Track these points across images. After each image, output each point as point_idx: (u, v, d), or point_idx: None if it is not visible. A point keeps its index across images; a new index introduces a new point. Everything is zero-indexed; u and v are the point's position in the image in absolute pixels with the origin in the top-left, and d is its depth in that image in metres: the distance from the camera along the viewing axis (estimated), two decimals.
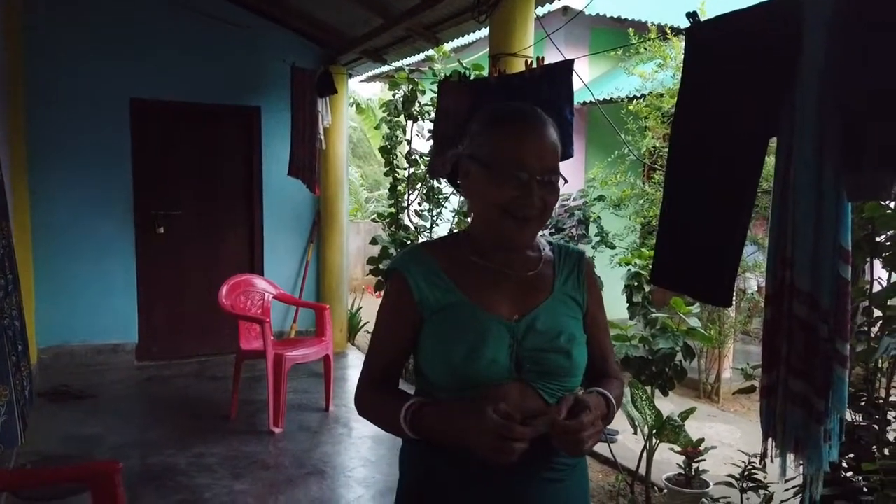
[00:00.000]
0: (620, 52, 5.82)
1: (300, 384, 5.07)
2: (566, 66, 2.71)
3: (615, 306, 4.89)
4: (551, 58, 3.00)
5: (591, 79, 7.15)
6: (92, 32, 5.29)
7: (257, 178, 5.99)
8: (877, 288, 2.86)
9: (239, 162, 5.98)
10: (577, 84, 3.31)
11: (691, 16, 1.88)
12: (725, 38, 1.84)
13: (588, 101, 6.47)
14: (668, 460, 3.77)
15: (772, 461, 1.74)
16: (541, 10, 4.05)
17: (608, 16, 6.84)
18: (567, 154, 2.69)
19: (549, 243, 1.36)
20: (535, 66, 2.86)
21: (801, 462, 1.63)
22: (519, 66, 3.04)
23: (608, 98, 6.13)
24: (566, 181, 1.22)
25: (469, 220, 1.34)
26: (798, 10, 1.61)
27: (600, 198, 6.63)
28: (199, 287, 5.60)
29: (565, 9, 6.42)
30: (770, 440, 1.72)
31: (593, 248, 6.79)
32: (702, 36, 1.91)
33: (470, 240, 1.29)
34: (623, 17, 6.86)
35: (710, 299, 1.95)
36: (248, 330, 4.47)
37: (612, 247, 6.49)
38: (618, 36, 6.32)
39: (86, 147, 5.33)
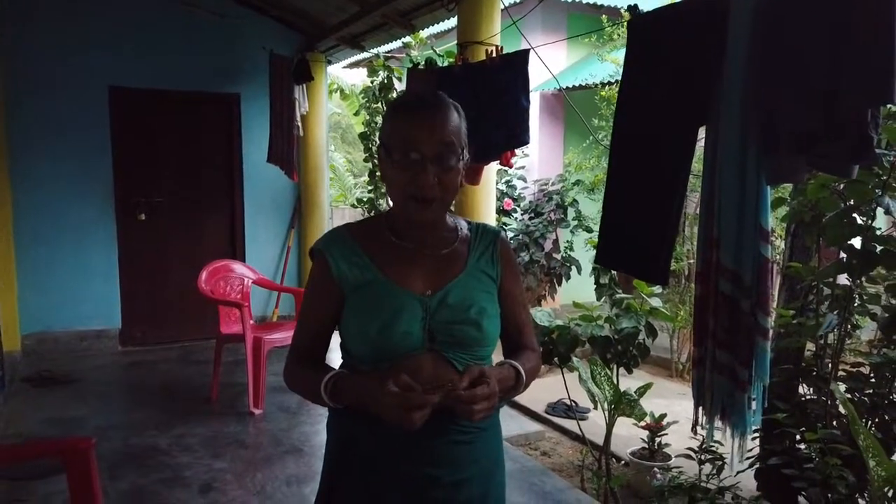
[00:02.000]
0: (595, 38, 5.90)
1: (280, 367, 5.11)
2: (522, 56, 2.79)
3: (588, 288, 5.02)
4: (525, 44, 3.08)
5: (567, 65, 7.23)
6: (70, 21, 5.32)
7: (237, 164, 6.05)
8: (822, 268, 2.99)
9: (219, 149, 6.03)
10: (554, 70, 3.39)
11: (633, 8, 1.98)
12: (662, 31, 1.94)
13: (565, 88, 6.55)
14: (636, 436, 3.91)
15: (702, 427, 1.86)
16: None
17: (585, 2, 6.90)
18: (522, 140, 2.80)
19: (468, 223, 1.44)
20: (494, 55, 2.94)
21: (728, 427, 1.75)
22: (483, 55, 3.12)
23: (583, 84, 6.21)
24: (467, 162, 1.29)
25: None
26: (725, 4, 1.71)
27: (577, 182, 6.73)
28: (182, 273, 5.67)
29: None
30: (700, 408, 1.84)
31: (571, 231, 6.91)
32: (642, 28, 2.01)
33: (388, 220, 1.37)
34: (600, 3, 6.92)
35: (649, 277, 2.06)
36: (227, 314, 4.56)
37: (589, 230, 6.60)
38: (595, 22, 6.39)
39: (66, 135, 5.37)
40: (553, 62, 7.03)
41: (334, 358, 1.39)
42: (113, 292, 5.65)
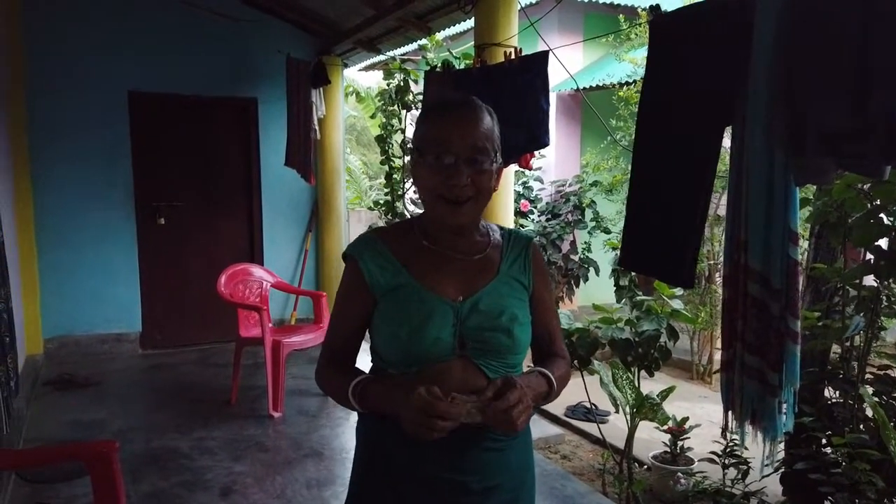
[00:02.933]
0: (612, 38, 5.86)
1: (299, 370, 5.19)
2: (541, 57, 2.77)
3: (606, 290, 4.98)
4: (543, 45, 3.06)
5: (584, 65, 7.19)
6: (90, 27, 5.37)
7: (255, 168, 6.08)
8: (848, 269, 2.94)
9: (237, 153, 6.07)
10: (571, 70, 3.38)
11: (654, 9, 1.95)
12: (685, 30, 1.91)
13: (581, 88, 6.52)
14: (657, 439, 3.87)
15: (732, 433, 1.83)
16: None
17: (602, 2, 6.87)
18: (542, 143, 2.77)
19: (500, 228, 1.44)
20: (513, 56, 2.93)
21: (758, 432, 1.72)
22: (501, 57, 3.11)
23: (600, 84, 6.18)
24: (501, 164, 1.28)
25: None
26: (751, 2, 1.68)
27: (595, 183, 6.69)
28: (201, 276, 5.71)
29: None
30: (730, 412, 1.81)
31: (589, 232, 6.87)
32: (664, 28, 1.98)
33: (420, 225, 1.37)
34: (616, 2, 6.88)
35: (674, 280, 2.03)
36: (247, 318, 4.57)
37: (607, 231, 6.56)
38: (611, 22, 6.36)
39: (86, 140, 5.42)
40: (569, 63, 6.99)
41: (367, 360, 1.39)
42: (133, 296, 5.70)
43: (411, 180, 1.37)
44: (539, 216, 7.20)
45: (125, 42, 5.48)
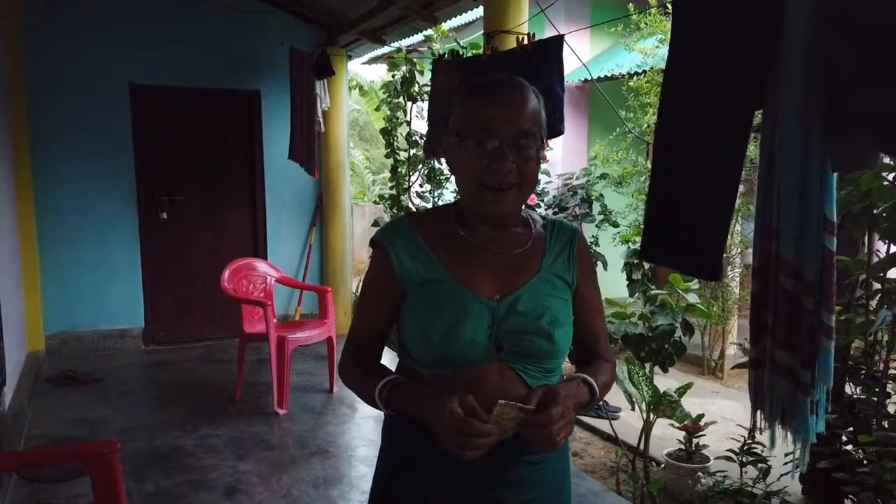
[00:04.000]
0: (621, 27, 5.75)
1: (304, 366, 5.11)
2: (556, 42, 2.67)
3: (617, 284, 4.89)
4: (551, 32, 2.96)
5: (592, 55, 7.08)
6: (90, 20, 5.28)
7: (259, 162, 6.00)
8: (876, 262, 2.84)
9: (240, 146, 5.98)
10: (575, 60, 3.28)
11: None
12: (710, 10, 1.81)
13: (593, 78, 6.41)
14: (670, 436, 3.79)
15: (761, 433, 1.75)
16: None
17: None
18: (558, 131, 2.68)
19: (543, 219, 1.33)
20: (525, 42, 2.83)
21: (789, 433, 1.63)
22: (512, 43, 3.01)
23: (609, 75, 6.07)
24: (546, 148, 1.19)
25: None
26: None
27: (603, 176, 6.59)
28: (204, 272, 5.64)
29: None
30: (759, 412, 1.72)
31: (597, 226, 6.76)
32: (687, 8, 1.89)
33: (456, 212, 1.27)
34: None
35: (699, 273, 1.94)
36: (251, 313, 4.50)
37: (616, 225, 6.46)
38: (620, 11, 6.23)
39: (87, 134, 5.34)
40: (577, 53, 6.90)
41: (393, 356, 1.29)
42: (136, 291, 5.63)
43: (448, 167, 1.26)
44: (546, 210, 7.10)
45: (126, 35, 5.39)
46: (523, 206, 1.25)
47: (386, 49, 6.21)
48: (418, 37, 6.01)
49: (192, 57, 5.62)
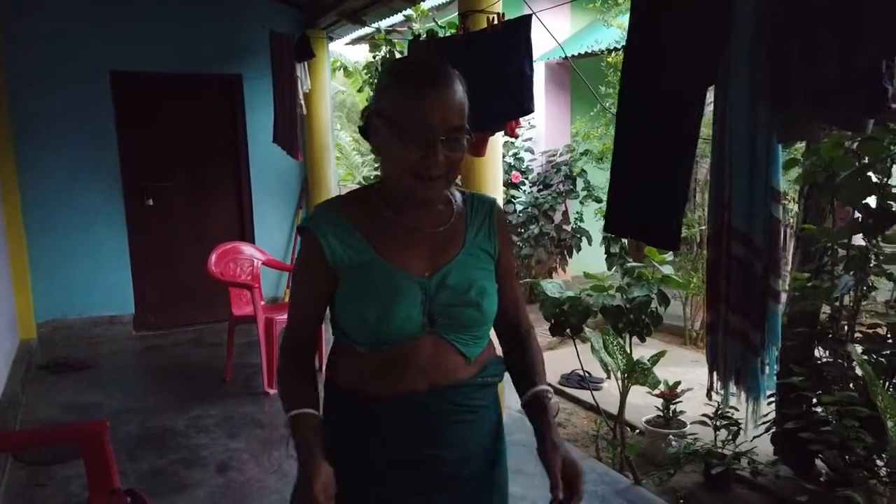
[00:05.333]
0: (600, 3, 5.78)
1: None
2: (525, 21, 2.73)
3: (599, 259, 4.99)
4: (527, 11, 3.00)
5: (572, 32, 7.11)
6: (67, 8, 5.25)
7: (243, 146, 6.02)
8: (837, 228, 2.93)
9: (224, 131, 6.00)
10: (558, 38, 3.31)
11: None
12: None
13: (570, 56, 6.44)
14: (650, 404, 3.90)
15: (717, 393, 1.84)
16: None
17: None
18: (527, 109, 2.74)
19: (462, 193, 1.38)
20: (496, 22, 2.88)
21: (742, 392, 1.72)
22: (484, 23, 3.05)
23: (588, 52, 6.10)
24: (472, 138, 1.23)
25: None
26: None
27: (585, 152, 6.66)
28: (193, 257, 5.67)
29: None
30: (715, 374, 1.81)
31: (580, 202, 6.85)
32: None
33: (382, 193, 1.30)
34: None
35: (660, 243, 2.02)
36: (238, 296, 4.57)
37: (599, 200, 6.55)
38: None
39: (70, 123, 5.34)
40: (557, 30, 6.88)
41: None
42: (125, 278, 5.68)
43: (373, 147, 1.27)
44: (531, 187, 7.17)
45: (105, 22, 5.37)
46: None
47: (367, 30, 6.21)
48: (398, 17, 6.02)
49: (172, 42, 5.61)
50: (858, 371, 2.92)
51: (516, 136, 3.64)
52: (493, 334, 1.42)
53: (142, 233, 5.72)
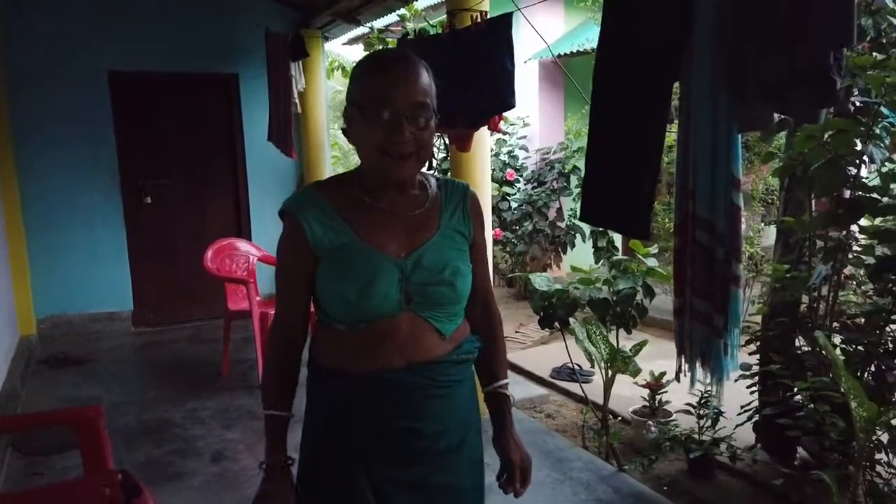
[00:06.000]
0: (591, 2, 5.85)
1: None
2: (506, 19, 2.81)
3: (589, 252, 5.06)
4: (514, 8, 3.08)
5: (566, 31, 7.17)
6: (66, 9, 5.34)
7: (239, 144, 6.10)
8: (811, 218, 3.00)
9: (221, 129, 6.08)
10: (549, 37, 3.36)
11: None
12: None
13: (564, 54, 6.52)
14: (637, 395, 3.97)
15: (684, 375, 1.91)
16: None
17: None
18: (509, 104, 2.82)
19: (437, 179, 1.45)
20: (479, 20, 2.96)
21: (707, 373, 1.80)
22: (469, 22, 3.13)
23: (580, 50, 6.17)
24: (438, 117, 1.30)
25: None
26: None
27: (579, 150, 6.72)
28: (191, 254, 5.73)
29: None
30: (682, 357, 1.88)
31: (574, 199, 6.92)
32: None
33: (360, 179, 1.37)
34: None
35: (632, 233, 2.10)
36: (234, 292, 4.64)
37: None
38: None
39: (69, 123, 5.43)
40: (550, 29, 6.99)
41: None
42: (124, 275, 5.76)
43: (349, 138, 1.34)
44: (525, 184, 7.25)
45: (103, 22, 5.46)
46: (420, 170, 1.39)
47: (364, 30, 6.28)
48: (392, 17, 6.08)
49: (169, 42, 5.69)
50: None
51: (500, 131, 3.70)
52: None
53: (140, 230, 5.80)
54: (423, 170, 1.40)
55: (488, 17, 2.98)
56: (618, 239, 5.56)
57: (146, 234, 5.83)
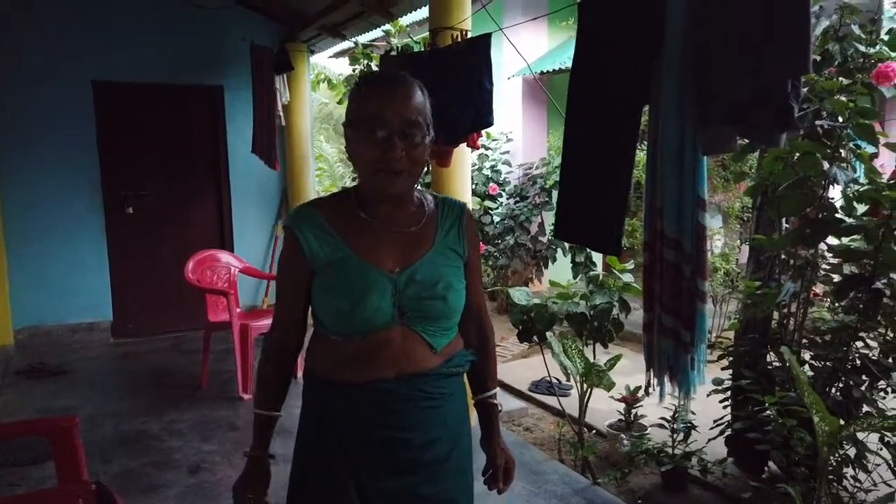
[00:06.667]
0: (573, 21, 5.95)
1: None
2: (485, 39, 2.87)
3: (568, 268, 5.12)
4: (494, 27, 3.15)
5: (549, 48, 7.29)
6: (50, 18, 5.35)
7: (223, 156, 6.12)
8: (780, 237, 3.08)
9: (204, 141, 6.09)
10: (531, 54, 3.41)
11: None
12: (609, 11, 2.02)
13: (547, 71, 6.62)
14: (614, 409, 4.02)
15: (653, 389, 1.96)
16: None
17: None
18: (487, 122, 2.88)
19: (434, 196, 1.50)
20: (459, 39, 3.02)
21: (675, 387, 1.85)
22: (450, 40, 3.19)
23: (562, 68, 6.27)
24: (432, 136, 1.35)
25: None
26: None
27: None
28: (171, 265, 5.73)
29: None
30: (651, 371, 1.94)
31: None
32: (592, 7, 2.09)
33: (357, 196, 1.41)
34: None
35: (603, 249, 2.15)
36: (215, 303, 4.64)
37: None
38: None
39: (51, 132, 5.42)
40: (534, 47, 7.10)
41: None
42: (104, 285, 5.73)
43: (346, 155, 1.44)
44: (507, 199, 7.32)
45: (86, 32, 5.47)
46: (417, 188, 1.44)
47: (349, 44, 6.35)
48: (377, 32, 6.16)
49: (154, 53, 5.71)
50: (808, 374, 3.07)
51: (478, 148, 3.75)
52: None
53: (121, 241, 5.78)
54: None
55: (469, 36, 3.04)
56: (597, 255, 5.64)
57: (127, 245, 5.82)
